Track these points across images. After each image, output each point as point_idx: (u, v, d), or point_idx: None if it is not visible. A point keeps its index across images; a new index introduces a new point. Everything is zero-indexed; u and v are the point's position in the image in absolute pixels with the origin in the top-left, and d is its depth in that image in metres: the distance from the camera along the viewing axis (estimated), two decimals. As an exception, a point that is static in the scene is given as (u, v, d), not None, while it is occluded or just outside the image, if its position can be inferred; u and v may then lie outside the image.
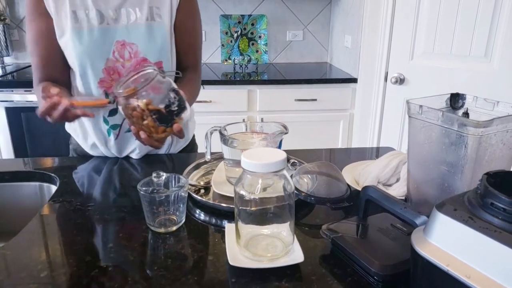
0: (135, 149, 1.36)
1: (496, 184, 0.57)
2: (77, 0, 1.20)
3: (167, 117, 1.03)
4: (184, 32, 1.34)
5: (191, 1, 1.33)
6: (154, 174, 0.94)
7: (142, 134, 1.03)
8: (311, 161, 1.17)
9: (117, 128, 1.33)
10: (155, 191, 0.93)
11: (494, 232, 0.52)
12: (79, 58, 1.22)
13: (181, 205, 0.94)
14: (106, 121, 1.33)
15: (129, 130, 1.33)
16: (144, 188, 0.91)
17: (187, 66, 1.40)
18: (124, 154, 1.37)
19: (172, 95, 1.04)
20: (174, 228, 0.93)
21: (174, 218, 0.93)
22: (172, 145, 1.43)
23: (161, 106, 1.02)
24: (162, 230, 0.92)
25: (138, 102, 1.01)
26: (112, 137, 1.34)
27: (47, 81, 1.26)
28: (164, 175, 0.94)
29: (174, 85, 1.06)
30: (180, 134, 1.06)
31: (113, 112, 1.31)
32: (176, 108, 1.03)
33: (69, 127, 1.43)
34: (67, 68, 1.29)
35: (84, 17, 1.20)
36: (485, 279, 0.51)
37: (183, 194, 0.93)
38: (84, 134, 1.37)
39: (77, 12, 1.20)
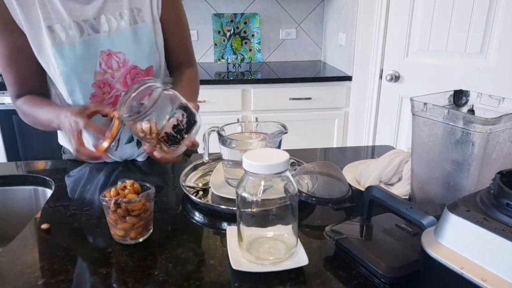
0: (142, 152, 1.32)
1: (509, 183, 0.55)
2: (51, 14, 1.09)
3: (176, 137, 0.96)
4: (171, 26, 1.26)
5: None
6: (119, 183, 0.89)
7: (157, 154, 0.96)
8: (307, 161, 1.15)
9: (114, 141, 1.28)
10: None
11: (511, 234, 0.50)
12: (64, 76, 1.14)
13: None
14: None
15: (128, 141, 1.29)
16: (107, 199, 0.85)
17: (181, 62, 1.34)
18: (130, 159, 1.33)
19: (180, 112, 0.95)
20: (141, 239, 0.88)
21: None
22: None
23: (168, 128, 0.94)
24: (129, 241, 0.87)
25: (143, 126, 0.93)
26: (112, 149, 1.30)
27: (26, 94, 1.19)
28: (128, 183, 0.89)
29: (182, 100, 0.97)
30: (194, 147, 0.99)
31: (108, 125, 1.25)
32: (185, 125, 0.96)
33: (65, 141, 1.37)
34: (46, 80, 1.21)
35: (61, 32, 1.10)
36: (502, 282, 0.49)
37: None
38: None
39: (53, 27, 1.09)
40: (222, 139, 1.05)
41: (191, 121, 0.97)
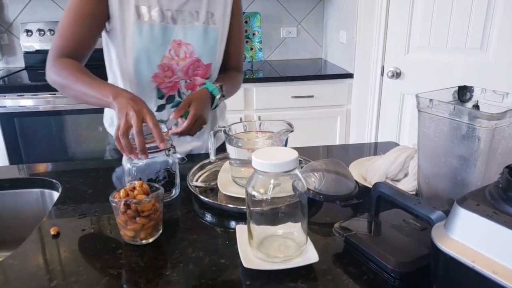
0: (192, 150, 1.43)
1: (517, 177, 0.56)
2: None
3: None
4: (232, 38, 1.43)
5: (239, 12, 1.43)
6: (128, 184, 0.90)
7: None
8: (310, 159, 1.16)
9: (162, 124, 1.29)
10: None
11: (521, 227, 0.51)
12: (136, 51, 1.25)
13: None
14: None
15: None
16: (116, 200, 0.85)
17: (233, 67, 1.50)
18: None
19: (163, 174, 1.04)
20: (151, 240, 0.89)
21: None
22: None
23: (145, 177, 1.02)
24: (139, 241, 0.88)
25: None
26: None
27: (67, 57, 1.21)
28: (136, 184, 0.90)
29: (174, 167, 1.06)
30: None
31: (161, 107, 1.36)
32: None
33: (111, 129, 1.43)
34: (89, 53, 1.27)
35: (146, 13, 1.23)
36: (513, 274, 0.50)
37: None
38: None
39: (140, 7, 1.23)
40: (229, 139, 1.06)
41: (167, 188, 1.05)
